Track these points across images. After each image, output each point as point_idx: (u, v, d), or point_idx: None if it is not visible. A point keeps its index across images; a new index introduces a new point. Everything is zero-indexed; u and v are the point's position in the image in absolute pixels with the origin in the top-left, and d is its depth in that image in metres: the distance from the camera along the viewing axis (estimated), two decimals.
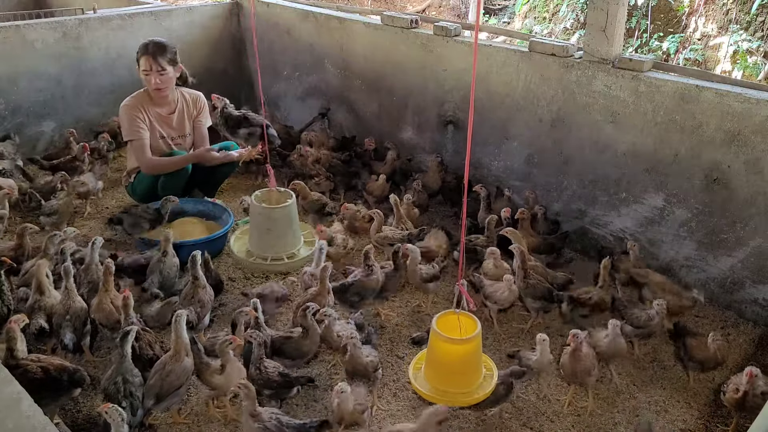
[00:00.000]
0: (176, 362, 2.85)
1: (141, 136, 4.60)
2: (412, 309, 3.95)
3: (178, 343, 2.86)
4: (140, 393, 2.79)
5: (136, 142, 4.61)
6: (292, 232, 4.37)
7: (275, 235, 4.27)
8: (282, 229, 4.28)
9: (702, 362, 3.23)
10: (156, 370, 2.86)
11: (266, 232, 4.27)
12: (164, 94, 4.69)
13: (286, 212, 4.28)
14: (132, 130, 4.60)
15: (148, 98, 4.70)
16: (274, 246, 4.28)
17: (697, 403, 3.24)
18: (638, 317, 3.42)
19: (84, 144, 5.18)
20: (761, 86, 3.83)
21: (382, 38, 5.40)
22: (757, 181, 3.65)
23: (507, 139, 4.77)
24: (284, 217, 4.28)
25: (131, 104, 4.64)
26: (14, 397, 1.81)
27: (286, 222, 4.30)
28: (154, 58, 4.51)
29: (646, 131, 4.03)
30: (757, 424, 1.92)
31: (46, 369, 2.78)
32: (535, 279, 3.69)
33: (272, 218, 4.25)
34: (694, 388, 3.34)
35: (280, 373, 2.95)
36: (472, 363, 3.11)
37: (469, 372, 3.12)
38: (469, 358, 3.08)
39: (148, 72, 4.55)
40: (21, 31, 5.42)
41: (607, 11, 4.03)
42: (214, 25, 6.62)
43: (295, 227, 4.42)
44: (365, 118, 5.82)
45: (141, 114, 4.63)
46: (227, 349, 2.89)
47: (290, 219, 4.33)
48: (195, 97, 4.94)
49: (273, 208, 4.29)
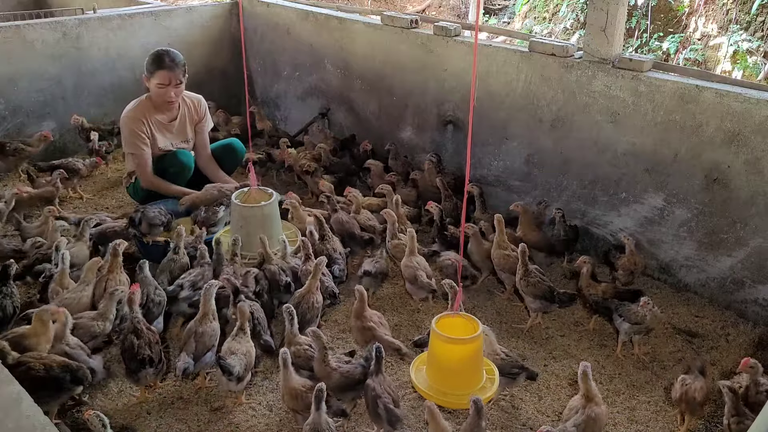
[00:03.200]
0: (205, 324, 3.12)
1: (142, 151, 4.55)
2: (412, 310, 3.96)
3: (206, 307, 3.16)
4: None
5: (137, 157, 4.58)
6: (268, 232, 4.17)
7: (246, 233, 4.13)
8: (254, 228, 4.14)
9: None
10: (188, 334, 3.09)
11: (239, 230, 4.17)
12: (175, 105, 4.65)
13: (260, 211, 4.17)
14: (134, 144, 4.54)
15: (150, 105, 4.60)
16: (247, 244, 4.10)
17: None
18: (635, 313, 3.43)
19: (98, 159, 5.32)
20: (761, 86, 3.83)
21: (382, 38, 5.40)
22: (757, 181, 3.65)
23: (507, 139, 4.77)
24: (259, 216, 4.17)
25: (133, 116, 4.54)
26: (14, 397, 1.81)
27: (261, 221, 4.17)
28: (172, 71, 4.43)
29: (646, 131, 4.03)
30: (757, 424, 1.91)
31: (48, 366, 2.79)
32: (535, 277, 3.69)
33: (244, 216, 4.17)
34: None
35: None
36: (473, 364, 3.12)
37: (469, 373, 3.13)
38: (469, 358, 3.09)
39: (165, 86, 4.46)
40: (21, 31, 5.42)
41: (607, 11, 4.03)
42: (214, 25, 6.62)
43: (275, 227, 4.29)
44: (365, 118, 5.82)
45: (144, 126, 4.54)
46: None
47: (265, 218, 4.20)
48: (197, 102, 4.87)
49: (247, 206, 4.19)
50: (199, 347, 3.07)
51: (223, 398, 3.19)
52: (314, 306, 3.42)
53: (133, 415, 3.09)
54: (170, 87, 4.47)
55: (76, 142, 5.82)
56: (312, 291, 3.45)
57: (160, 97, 4.52)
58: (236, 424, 3.05)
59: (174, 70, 4.44)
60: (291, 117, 6.58)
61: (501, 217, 4.02)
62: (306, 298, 3.43)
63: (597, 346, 3.65)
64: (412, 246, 3.89)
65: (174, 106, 4.66)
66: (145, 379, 3.06)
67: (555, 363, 3.53)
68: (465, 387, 3.05)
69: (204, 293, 3.20)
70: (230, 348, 2.99)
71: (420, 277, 3.79)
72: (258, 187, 4.42)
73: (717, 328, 3.84)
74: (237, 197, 4.26)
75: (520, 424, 3.10)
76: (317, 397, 2.61)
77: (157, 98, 4.54)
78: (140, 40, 6.04)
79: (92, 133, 5.48)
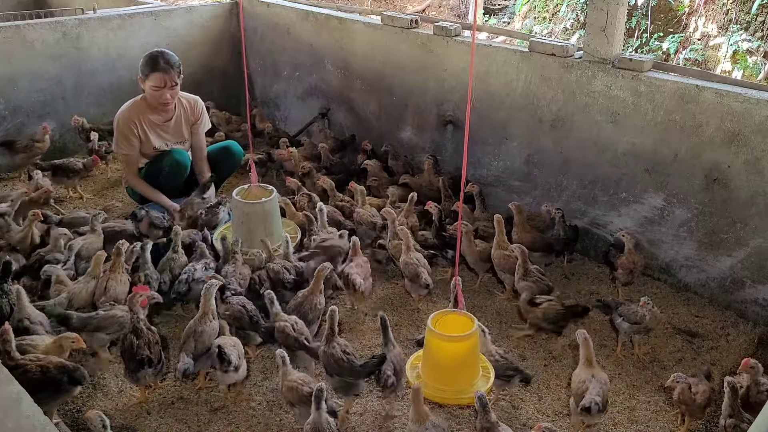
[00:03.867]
0: (205, 324, 3.12)
1: (129, 152, 4.55)
2: (412, 309, 3.96)
3: (206, 307, 3.17)
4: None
5: (124, 157, 4.60)
6: (268, 229, 4.23)
7: (247, 230, 4.17)
8: (255, 224, 4.18)
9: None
10: (188, 334, 3.11)
11: (240, 226, 4.20)
12: (170, 107, 4.64)
13: (261, 208, 4.20)
14: (122, 145, 4.54)
15: (145, 106, 4.58)
16: (247, 240, 4.13)
17: None
18: (635, 313, 3.43)
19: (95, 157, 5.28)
20: (761, 86, 3.83)
21: (382, 38, 5.40)
22: (757, 181, 3.65)
23: (507, 139, 4.77)
24: (260, 212, 4.19)
25: (126, 116, 4.52)
26: (14, 397, 1.81)
27: (261, 218, 4.20)
28: (167, 73, 4.40)
29: (646, 131, 4.02)
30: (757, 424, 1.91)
31: (45, 368, 2.78)
32: (534, 277, 3.69)
33: (245, 213, 4.19)
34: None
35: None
36: (468, 361, 3.12)
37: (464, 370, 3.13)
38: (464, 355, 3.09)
39: (160, 88, 4.43)
40: (21, 31, 5.42)
41: (607, 11, 4.03)
42: (214, 25, 6.62)
43: (275, 224, 4.32)
44: (365, 118, 5.82)
45: (135, 128, 4.52)
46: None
47: (266, 215, 4.23)
48: (193, 103, 4.82)
49: (247, 202, 4.21)
50: (198, 346, 3.08)
51: (223, 398, 3.19)
52: (316, 308, 3.46)
53: (133, 415, 3.09)
54: (165, 89, 4.45)
55: (76, 141, 5.82)
56: (315, 293, 3.48)
57: (156, 99, 4.50)
58: (236, 424, 3.05)
59: (169, 72, 4.41)
60: (291, 117, 6.58)
61: (500, 218, 4.02)
62: (309, 299, 3.46)
63: (597, 346, 3.64)
64: (408, 242, 3.91)
65: (169, 108, 4.64)
66: (145, 379, 3.06)
67: (555, 363, 3.53)
68: (460, 383, 3.06)
69: (204, 293, 3.21)
70: (221, 344, 3.04)
71: (422, 275, 3.80)
72: (258, 184, 4.46)
73: (717, 328, 3.84)
74: (238, 194, 4.28)
75: (520, 424, 3.10)
76: (317, 397, 2.62)
77: (153, 100, 4.52)
78: (140, 40, 6.04)
79: (92, 134, 5.48)
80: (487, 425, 2.66)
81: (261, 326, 3.33)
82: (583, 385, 2.88)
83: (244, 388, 3.24)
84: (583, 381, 2.89)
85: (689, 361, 3.56)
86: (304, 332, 3.21)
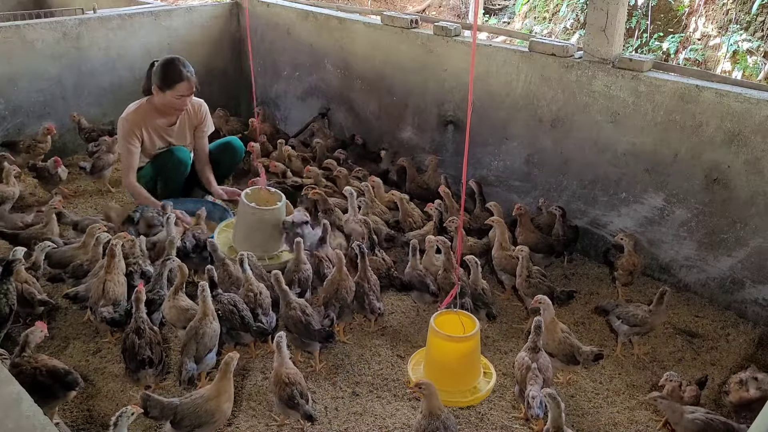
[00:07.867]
0: (206, 325, 3.11)
1: (130, 156, 4.51)
2: (413, 309, 3.96)
3: (205, 307, 3.16)
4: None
5: (124, 159, 4.57)
6: (275, 234, 4.21)
7: (262, 236, 4.16)
8: (269, 230, 4.17)
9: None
10: (189, 336, 3.09)
11: (253, 232, 4.18)
12: (183, 111, 4.61)
13: (275, 215, 4.18)
14: (124, 147, 4.52)
15: (152, 110, 4.53)
16: (261, 246, 4.15)
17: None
18: (634, 315, 3.43)
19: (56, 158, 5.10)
20: (761, 86, 3.83)
21: (382, 38, 5.40)
22: (757, 181, 3.65)
23: (507, 139, 4.77)
24: (272, 219, 4.18)
25: (132, 119, 4.48)
26: (14, 397, 1.81)
27: (274, 224, 4.19)
28: (190, 81, 4.36)
29: (646, 131, 4.03)
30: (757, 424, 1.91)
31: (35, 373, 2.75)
32: (536, 278, 3.69)
33: (262, 220, 4.16)
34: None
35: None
36: (470, 362, 3.12)
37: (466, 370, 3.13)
38: (467, 356, 3.10)
39: (185, 96, 4.40)
40: (21, 31, 5.42)
41: (607, 11, 4.03)
42: (214, 25, 6.62)
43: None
44: (365, 118, 5.82)
45: (138, 132, 4.49)
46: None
47: (277, 221, 4.21)
48: (197, 106, 4.78)
49: (263, 209, 4.19)
50: (200, 349, 3.08)
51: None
52: (351, 290, 3.59)
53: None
54: (189, 97, 4.44)
55: (76, 141, 5.83)
56: (343, 278, 3.59)
57: (176, 106, 4.46)
58: (236, 424, 3.04)
59: (191, 79, 4.39)
60: (291, 117, 6.57)
61: (501, 220, 4.02)
62: (342, 285, 3.57)
63: (597, 346, 3.64)
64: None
65: (181, 112, 4.62)
66: (145, 379, 3.06)
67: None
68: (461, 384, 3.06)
69: (199, 293, 3.18)
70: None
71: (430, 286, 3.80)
72: (267, 187, 4.43)
73: (717, 328, 3.84)
74: (246, 197, 4.24)
75: (519, 423, 3.10)
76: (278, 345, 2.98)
77: (170, 106, 4.47)
78: (140, 40, 6.04)
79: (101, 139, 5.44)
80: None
81: (252, 327, 3.30)
82: (526, 372, 2.95)
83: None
84: (522, 365, 2.99)
85: (689, 361, 3.56)
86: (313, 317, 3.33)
